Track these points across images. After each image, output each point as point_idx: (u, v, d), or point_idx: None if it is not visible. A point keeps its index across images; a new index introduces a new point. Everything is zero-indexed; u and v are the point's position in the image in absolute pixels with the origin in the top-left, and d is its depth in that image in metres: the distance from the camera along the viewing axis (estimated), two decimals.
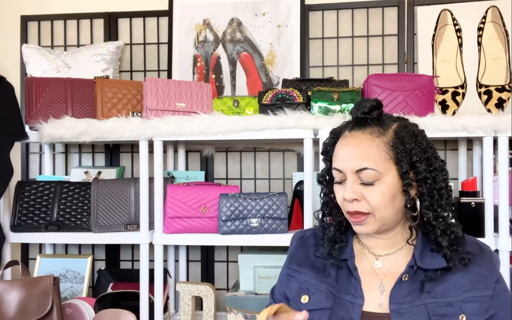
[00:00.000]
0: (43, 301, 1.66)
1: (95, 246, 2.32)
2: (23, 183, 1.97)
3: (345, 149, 1.02)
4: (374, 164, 0.98)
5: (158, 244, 1.85)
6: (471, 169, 2.07)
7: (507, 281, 1.66)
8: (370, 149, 1.00)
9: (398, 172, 0.99)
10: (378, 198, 0.98)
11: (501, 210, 1.67)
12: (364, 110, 1.02)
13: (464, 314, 0.96)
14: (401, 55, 2.17)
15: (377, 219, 1.00)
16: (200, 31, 2.26)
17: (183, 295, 1.94)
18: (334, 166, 1.04)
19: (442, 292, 0.98)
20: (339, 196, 1.04)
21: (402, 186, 0.99)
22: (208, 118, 1.82)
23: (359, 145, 1.01)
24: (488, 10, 2.08)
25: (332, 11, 2.23)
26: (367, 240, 1.07)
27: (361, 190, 0.99)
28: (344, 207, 1.03)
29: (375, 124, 1.03)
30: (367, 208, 0.99)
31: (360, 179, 0.99)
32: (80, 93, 1.94)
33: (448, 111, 2.00)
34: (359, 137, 1.02)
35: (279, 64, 2.20)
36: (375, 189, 0.98)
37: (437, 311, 0.96)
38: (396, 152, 1.00)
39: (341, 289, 1.04)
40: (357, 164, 0.99)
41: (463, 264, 0.99)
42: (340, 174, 1.02)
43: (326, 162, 1.11)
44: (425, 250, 1.02)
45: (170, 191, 1.84)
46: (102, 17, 2.34)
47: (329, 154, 1.10)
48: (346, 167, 1.01)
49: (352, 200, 0.99)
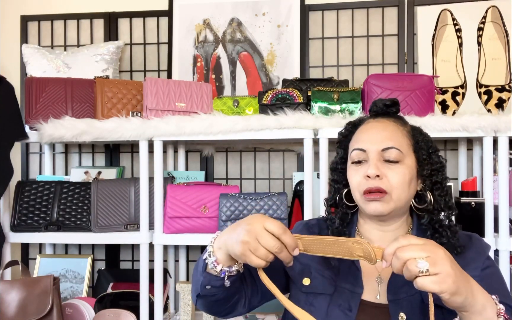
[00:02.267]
0: (43, 301, 1.66)
1: (95, 246, 2.32)
2: (23, 183, 1.97)
3: (371, 131, 1.09)
4: (399, 145, 1.05)
5: (158, 244, 1.85)
6: (471, 169, 2.07)
7: (507, 281, 1.67)
8: (395, 133, 1.07)
9: (416, 159, 1.07)
10: (399, 178, 1.03)
11: (501, 210, 1.67)
12: (386, 103, 1.12)
13: None
14: (401, 55, 2.17)
15: (394, 199, 1.03)
16: (200, 31, 2.26)
17: (183, 295, 1.94)
18: (356, 146, 1.08)
19: None
20: (357, 177, 1.06)
21: (418, 172, 1.07)
22: (208, 118, 1.82)
23: (385, 128, 1.08)
24: (488, 10, 2.08)
25: (332, 11, 2.23)
26: (370, 233, 1.10)
27: (383, 169, 1.03)
28: (361, 187, 1.05)
29: (395, 117, 1.12)
30: (387, 186, 1.03)
31: (384, 157, 1.04)
32: (80, 93, 1.94)
33: (448, 111, 2.01)
34: (385, 122, 1.10)
35: (279, 64, 2.20)
36: (397, 169, 1.03)
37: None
38: (416, 141, 1.09)
39: (341, 278, 1.06)
40: (383, 143, 1.05)
41: (454, 253, 1.02)
42: (363, 154, 1.06)
43: (340, 151, 1.16)
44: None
45: (170, 191, 1.84)
46: (102, 17, 2.34)
47: (343, 143, 1.15)
48: (371, 146, 1.05)
49: (375, 176, 1.02)
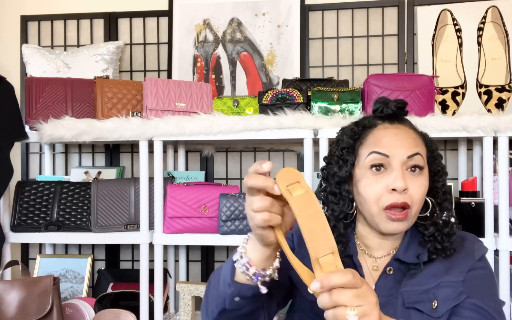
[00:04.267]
0: (43, 301, 1.66)
1: (95, 246, 2.32)
2: (23, 183, 1.97)
3: (394, 137, 0.97)
4: (422, 153, 0.97)
5: (158, 244, 1.85)
6: (471, 169, 2.07)
7: (507, 280, 1.67)
8: (418, 140, 0.99)
9: (429, 171, 0.99)
10: (421, 191, 0.95)
11: (501, 210, 1.67)
12: (398, 105, 0.99)
13: (437, 299, 0.95)
14: (401, 55, 2.17)
15: (412, 215, 0.96)
16: (200, 31, 2.26)
17: (183, 295, 1.94)
18: (376, 149, 0.96)
19: (420, 281, 0.98)
20: (377, 188, 0.95)
21: (430, 184, 0.99)
22: (208, 118, 1.81)
23: (409, 135, 0.98)
24: (488, 10, 2.08)
25: (332, 11, 2.23)
26: (371, 241, 1.04)
27: (407, 181, 0.94)
28: (383, 201, 0.94)
29: (408, 122, 1.02)
30: (410, 200, 0.94)
31: (408, 166, 0.95)
32: (80, 93, 1.94)
33: (448, 111, 2.01)
34: (406, 129, 1.00)
35: (279, 64, 2.20)
36: (419, 181, 0.95)
37: (412, 299, 0.95)
38: (430, 151, 1.01)
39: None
40: (410, 149, 0.95)
41: (442, 257, 0.98)
42: (385, 159, 0.95)
43: (351, 158, 1.00)
44: (412, 244, 1.01)
45: (170, 191, 1.84)
46: (102, 17, 2.34)
47: (352, 148, 1.01)
48: (396, 152, 0.94)
49: (402, 190, 0.92)
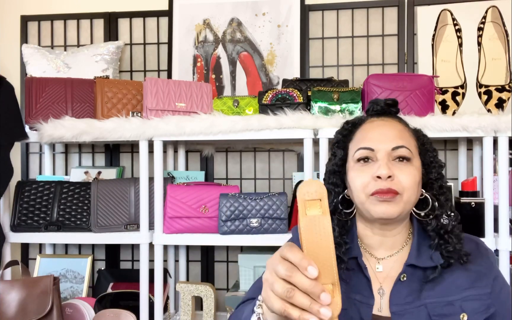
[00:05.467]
0: (43, 301, 1.66)
1: (95, 246, 2.32)
2: (23, 183, 1.97)
3: (378, 130, 1.03)
4: (408, 145, 1.01)
5: (158, 244, 1.85)
6: (471, 169, 2.07)
7: (507, 281, 1.67)
8: (404, 133, 1.03)
9: (422, 162, 1.04)
10: (410, 179, 0.98)
11: (501, 210, 1.67)
12: (388, 102, 1.06)
13: (465, 313, 0.94)
14: (401, 55, 2.17)
15: (404, 201, 0.98)
16: (200, 31, 2.26)
17: (183, 295, 1.94)
18: (362, 146, 1.02)
19: (442, 291, 0.97)
20: (363, 177, 1.00)
21: (424, 175, 1.03)
22: (208, 118, 1.81)
23: (394, 127, 1.03)
24: (488, 10, 2.08)
25: (332, 11, 2.23)
26: (372, 239, 1.05)
27: (394, 169, 0.98)
28: (368, 189, 0.99)
29: (398, 117, 1.08)
30: (399, 188, 0.97)
31: (394, 156, 1.00)
32: (80, 93, 1.94)
33: (448, 111, 2.01)
34: (391, 122, 1.05)
35: (279, 64, 2.20)
36: (407, 170, 0.99)
37: (438, 311, 0.95)
38: (421, 143, 1.06)
39: (351, 289, 1.00)
40: (394, 141, 1.00)
41: (460, 263, 0.98)
42: (370, 153, 1.01)
43: (339, 151, 1.08)
44: (422, 247, 1.01)
45: (170, 191, 1.84)
46: (102, 17, 2.34)
47: (342, 143, 1.09)
48: (380, 145, 1.00)
49: (387, 177, 0.97)
